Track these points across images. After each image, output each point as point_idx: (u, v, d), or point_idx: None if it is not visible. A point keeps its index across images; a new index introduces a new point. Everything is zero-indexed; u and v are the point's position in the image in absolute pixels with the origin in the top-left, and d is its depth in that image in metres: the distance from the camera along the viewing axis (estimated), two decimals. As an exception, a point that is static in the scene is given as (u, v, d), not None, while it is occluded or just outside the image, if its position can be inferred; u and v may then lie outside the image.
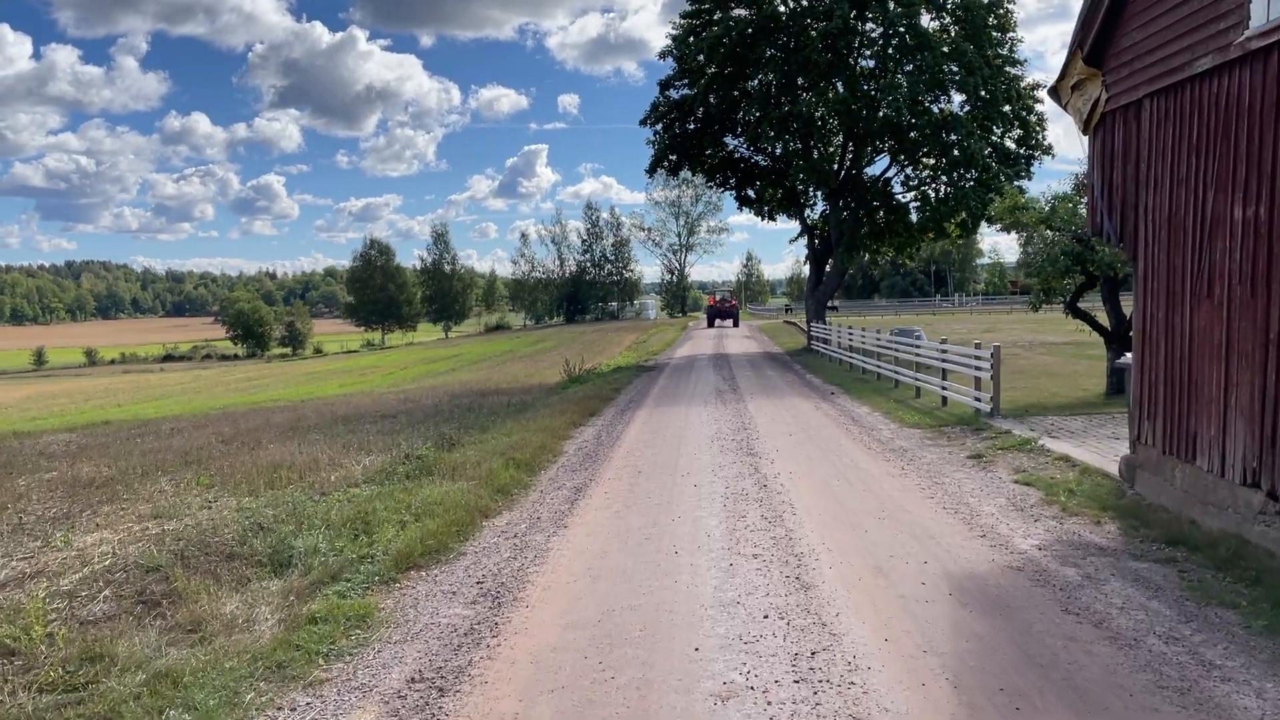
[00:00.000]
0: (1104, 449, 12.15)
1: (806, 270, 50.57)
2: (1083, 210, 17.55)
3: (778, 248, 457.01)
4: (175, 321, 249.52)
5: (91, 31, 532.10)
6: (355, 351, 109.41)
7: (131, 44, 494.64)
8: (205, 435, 21.09)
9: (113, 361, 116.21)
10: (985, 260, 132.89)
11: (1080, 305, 18.27)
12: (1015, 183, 35.27)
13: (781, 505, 9.53)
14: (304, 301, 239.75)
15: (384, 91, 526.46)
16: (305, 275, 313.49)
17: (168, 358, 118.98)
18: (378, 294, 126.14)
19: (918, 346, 20.79)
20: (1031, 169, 37.20)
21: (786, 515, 9.06)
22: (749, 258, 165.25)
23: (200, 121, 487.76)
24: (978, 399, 16.26)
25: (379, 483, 11.81)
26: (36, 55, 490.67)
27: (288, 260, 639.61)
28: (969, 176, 36.92)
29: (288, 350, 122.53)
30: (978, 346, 16.63)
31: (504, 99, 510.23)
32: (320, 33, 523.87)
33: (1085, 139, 10.52)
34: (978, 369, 16.30)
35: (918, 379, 20.18)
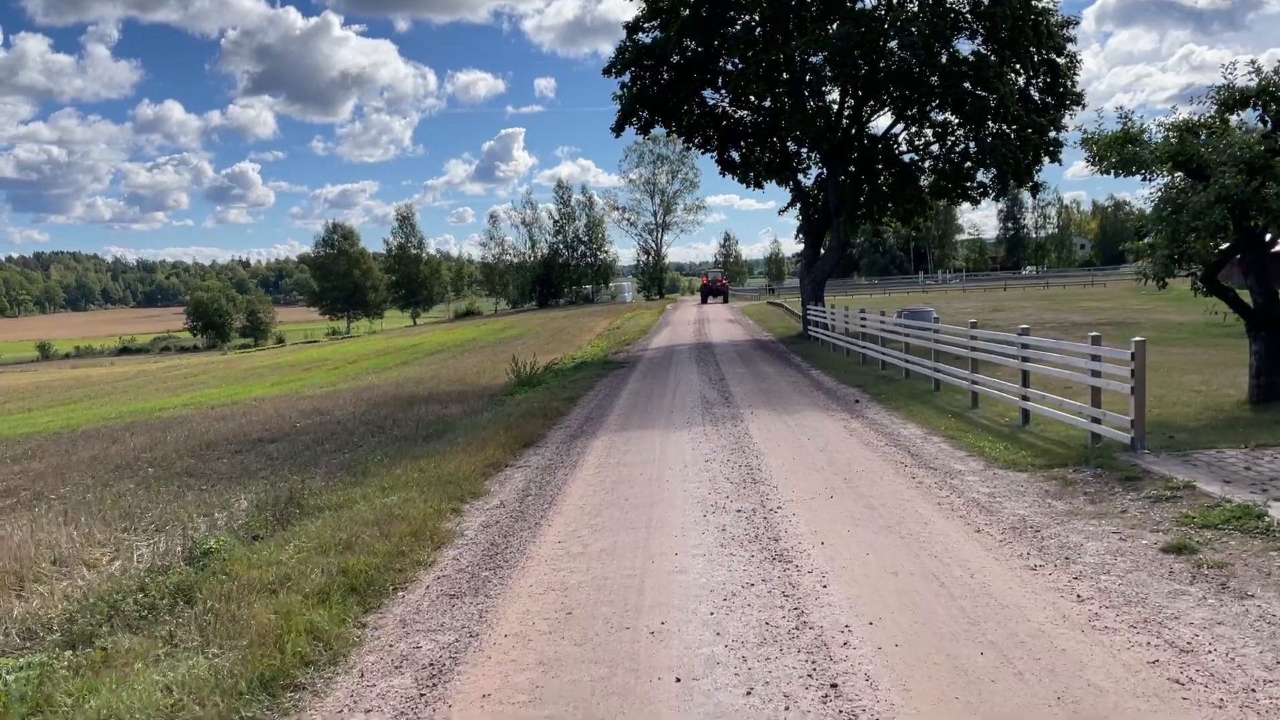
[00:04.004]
0: None
1: (785, 249, 44.93)
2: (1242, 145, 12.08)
3: (755, 228, 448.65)
4: (145, 312, 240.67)
5: (61, 19, 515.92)
6: (315, 342, 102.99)
7: (102, 32, 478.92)
8: (6, 476, 15.48)
9: (66, 355, 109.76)
10: (965, 236, 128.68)
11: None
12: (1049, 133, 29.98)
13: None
14: (276, 290, 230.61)
15: (359, 77, 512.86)
16: (279, 263, 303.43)
17: (124, 350, 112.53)
18: (342, 280, 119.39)
19: (973, 337, 15.27)
20: (1062, 121, 31.64)
21: None
22: (726, 238, 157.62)
23: (173, 109, 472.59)
24: (1097, 420, 10.80)
25: (77, 636, 6.27)
26: (6, 44, 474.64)
27: (263, 248, 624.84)
28: (991, 129, 31.38)
29: (250, 341, 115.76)
30: (1095, 342, 11.10)
31: (480, 83, 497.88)
32: (294, 18, 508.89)
33: None
34: (1097, 376, 10.84)
35: (975, 382, 14.76)
